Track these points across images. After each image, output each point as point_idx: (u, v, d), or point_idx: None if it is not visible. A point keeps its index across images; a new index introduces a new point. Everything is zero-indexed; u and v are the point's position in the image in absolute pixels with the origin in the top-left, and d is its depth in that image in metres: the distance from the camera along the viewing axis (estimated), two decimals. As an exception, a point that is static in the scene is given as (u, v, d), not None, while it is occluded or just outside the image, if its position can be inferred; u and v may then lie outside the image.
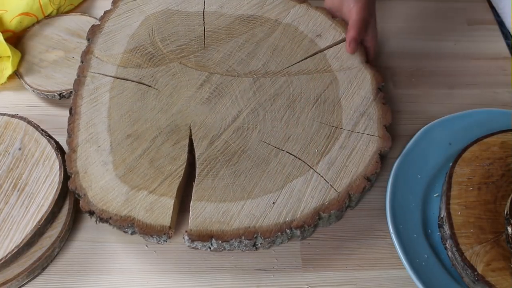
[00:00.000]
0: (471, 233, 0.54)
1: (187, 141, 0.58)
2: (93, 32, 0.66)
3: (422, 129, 0.65)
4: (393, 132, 0.67)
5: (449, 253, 0.55)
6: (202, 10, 0.69)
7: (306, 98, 0.62)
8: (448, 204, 0.56)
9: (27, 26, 0.76)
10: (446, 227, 0.55)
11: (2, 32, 0.70)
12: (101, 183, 0.55)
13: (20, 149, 0.59)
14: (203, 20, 0.68)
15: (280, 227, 0.53)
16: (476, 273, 0.52)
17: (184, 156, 0.57)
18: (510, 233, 0.52)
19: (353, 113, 0.61)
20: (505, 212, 0.54)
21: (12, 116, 0.62)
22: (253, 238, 0.53)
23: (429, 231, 0.59)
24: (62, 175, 0.57)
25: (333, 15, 0.70)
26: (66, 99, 0.69)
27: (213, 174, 0.56)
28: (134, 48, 0.65)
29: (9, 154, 0.59)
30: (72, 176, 0.56)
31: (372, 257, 0.58)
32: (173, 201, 0.54)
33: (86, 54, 0.64)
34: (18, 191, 0.56)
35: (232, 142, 0.58)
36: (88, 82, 0.62)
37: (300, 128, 0.60)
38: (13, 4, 0.74)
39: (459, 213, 0.55)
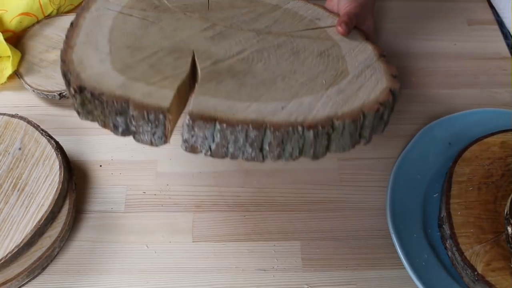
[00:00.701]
0: (471, 233, 0.54)
1: (190, 58, 0.56)
2: None
3: (422, 129, 0.65)
4: (393, 132, 0.67)
5: (449, 253, 0.55)
6: None
7: (310, 51, 0.61)
8: (448, 204, 0.56)
9: (27, 26, 0.76)
10: (446, 227, 0.55)
11: (2, 32, 0.70)
12: (96, 70, 0.52)
13: (20, 149, 0.59)
14: None
15: (292, 124, 0.49)
16: (476, 273, 0.52)
17: (187, 67, 0.54)
18: (510, 233, 0.52)
19: (358, 65, 0.60)
20: (505, 212, 0.54)
21: (12, 116, 0.62)
22: (261, 128, 0.48)
23: (429, 231, 0.59)
24: (62, 175, 0.57)
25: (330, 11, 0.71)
26: (66, 99, 0.69)
27: (217, 81, 0.53)
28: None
29: (9, 154, 0.59)
30: (65, 63, 0.52)
31: (372, 257, 0.58)
32: (174, 92, 0.50)
33: None
34: (18, 191, 0.56)
35: (236, 66, 0.57)
36: (93, 10, 0.61)
37: (306, 67, 0.58)
38: (13, 4, 0.74)
39: (459, 213, 0.55)
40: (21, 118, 0.61)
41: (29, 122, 0.61)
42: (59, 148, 0.60)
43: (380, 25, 0.81)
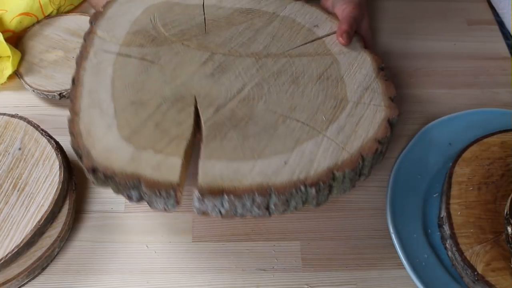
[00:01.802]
0: (471, 233, 0.54)
1: (192, 108, 0.57)
2: (95, 17, 0.66)
3: (422, 129, 0.65)
4: (393, 132, 0.67)
5: (449, 253, 0.55)
6: (202, 3, 0.70)
7: (309, 75, 0.62)
8: (448, 204, 0.56)
9: (27, 26, 0.76)
10: (446, 227, 0.55)
11: (2, 32, 0.70)
12: (104, 143, 0.53)
13: (20, 149, 0.59)
14: (203, 11, 0.69)
15: (295, 184, 0.52)
16: (476, 273, 0.52)
17: (190, 121, 0.56)
18: (510, 233, 0.52)
19: (357, 87, 0.61)
20: (505, 212, 0.54)
21: (12, 116, 0.62)
22: (267, 194, 0.51)
23: (429, 231, 0.59)
24: (62, 175, 0.57)
25: (328, 12, 0.71)
26: (66, 99, 0.69)
27: (221, 136, 0.55)
28: (137, 31, 0.65)
29: (9, 154, 0.59)
30: (75, 137, 0.54)
31: (372, 257, 0.58)
32: (181, 160, 0.52)
33: (89, 34, 0.64)
34: (18, 191, 0.56)
35: (238, 110, 0.58)
36: (91, 57, 0.61)
37: (306, 100, 0.60)
38: (13, 4, 0.74)
39: (459, 213, 0.55)
40: (21, 118, 0.61)
41: (29, 122, 0.61)
42: (59, 148, 0.60)
43: (380, 25, 0.81)
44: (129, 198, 0.52)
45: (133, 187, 0.51)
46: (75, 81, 0.59)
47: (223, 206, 0.51)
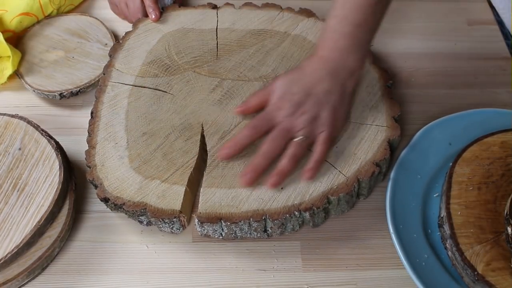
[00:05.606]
0: (471, 233, 0.54)
1: (199, 136, 0.60)
2: (114, 50, 0.70)
3: (422, 129, 0.65)
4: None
5: (449, 253, 0.55)
6: (215, 27, 0.72)
7: None
8: (448, 204, 0.56)
9: (27, 26, 0.76)
10: (446, 227, 0.55)
11: (2, 32, 0.70)
12: (116, 174, 0.58)
13: (20, 149, 0.59)
14: (216, 36, 0.71)
15: (289, 210, 0.54)
16: (476, 273, 0.52)
17: (196, 150, 0.59)
18: (510, 233, 0.52)
19: (361, 108, 0.63)
20: (505, 212, 0.54)
21: (12, 116, 0.62)
22: (261, 220, 0.53)
23: (429, 231, 0.59)
24: (62, 175, 0.57)
25: None
26: (67, 99, 0.69)
27: (223, 164, 0.58)
28: (152, 61, 0.68)
29: (9, 154, 0.59)
30: (90, 168, 0.58)
31: (372, 257, 0.58)
32: (184, 188, 0.56)
33: (108, 67, 0.68)
34: (18, 191, 0.56)
35: None
36: (109, 90, 0.65)
37: None
38: (13, 4, 0.74)
39: (459, 213, 0.55)
40: (21, 118, 0.61)
41: (29, 122, 0.61)
42: (59, 148, 0.60)
43: (381, 25, 0.81)
44: (140, 222, 0.57)
45: (141, 214, 0.55)
46: (93, 114, 0.63)
47: (223, 230, 0.55)
